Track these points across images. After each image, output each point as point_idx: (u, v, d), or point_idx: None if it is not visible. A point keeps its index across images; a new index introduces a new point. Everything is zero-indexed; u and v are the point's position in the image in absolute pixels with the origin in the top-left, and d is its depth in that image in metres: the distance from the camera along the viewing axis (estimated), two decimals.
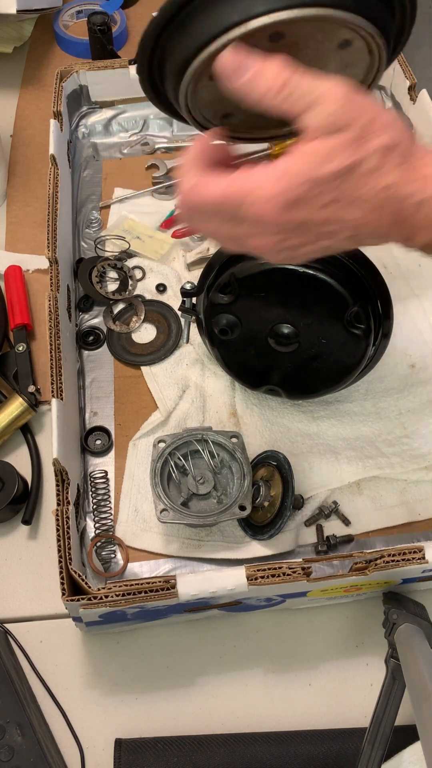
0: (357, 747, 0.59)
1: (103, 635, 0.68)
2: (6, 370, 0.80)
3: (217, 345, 0.74)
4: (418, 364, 0.82)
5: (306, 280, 0.66)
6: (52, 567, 0.64)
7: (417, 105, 0.89)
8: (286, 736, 0.62)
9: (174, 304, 0.86)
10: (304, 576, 0.57)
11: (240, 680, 0.66)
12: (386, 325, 0.70)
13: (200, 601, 0.59)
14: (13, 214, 0.96)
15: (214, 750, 0.61)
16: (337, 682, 0.66)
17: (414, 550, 0.59)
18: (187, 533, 0.71)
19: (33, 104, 1.09)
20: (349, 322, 0.67)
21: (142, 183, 0.98)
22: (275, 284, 0.67)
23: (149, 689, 0.66)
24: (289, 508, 0.68)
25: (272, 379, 0.75)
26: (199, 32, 0.45)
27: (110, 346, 0.84)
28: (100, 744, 0.63)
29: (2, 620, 0.68)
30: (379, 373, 0.80)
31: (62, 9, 1.18)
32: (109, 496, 0.73)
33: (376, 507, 0.73)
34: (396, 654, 0.61)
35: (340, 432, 0.77)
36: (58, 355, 0.70)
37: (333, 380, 0.73)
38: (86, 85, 1.01)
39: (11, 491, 0.71)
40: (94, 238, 0.91)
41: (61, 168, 0.86)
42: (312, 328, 0.69)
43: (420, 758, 0.57)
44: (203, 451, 0.71)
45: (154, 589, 0.57)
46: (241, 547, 0.70)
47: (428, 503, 0.73)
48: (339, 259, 0.67)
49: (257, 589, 0.58)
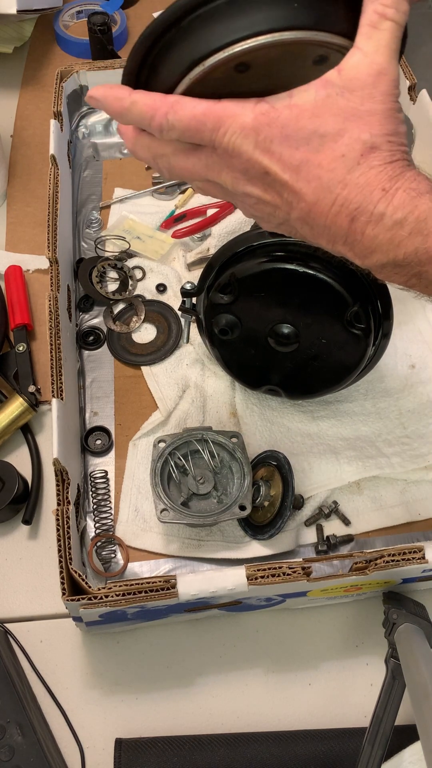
0: (357, 747, 0.59)
1: (103, 635, 0.68)
2: (6, 370, 0.80)
3: (217, 345, 0.74)
4: (418, 364, 0.82)
5: (306, 280, 0.66)
6: (53, 567, 0.64)
7: (417, 105, 0.89)
8: (286, 736, 0.62)
9: (174, 304, 0.86)
10: (304, 576, 0.57)
11: (240, 680, 0.66)
12: (386, 325, 0.70)
13: (200, 600, 0.59)
14: (14, 214, 0.96)
15: (214, 750, 0.61)
16: (337, 682, 0.66)
17: (414, 550, 0.59)
18: (187, 533, 0.71)
19: (33, 104, 1.09)
20: (349, 322, 0.67)
21: (142, 183, 0.99)
22: (275, 284, 0.67)
23: (149, 689, 0.66)
24: (289, 508, 0.68)
25: (272, 379, 0.75)
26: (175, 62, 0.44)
27: (110, 346, 0.84)
28: (100, 744, 0.63)
29: (2, 620, 0.68)
30: (379, 373, 0.80)
31: (62, 9, 1.18)
32: (109, 496, 0.73)
33: (376, 507, 0.73)
34: (396, 654, 0.61)
35: (340, 432, 0.77)
36: (58, 355, 0.70)
37: (333, 380, 0.73)
38: (86, 85, 1.00)
39: (11, 491, 0.71)
40: (94, 238, 0.91)
41: (62, 168, 0.86)
42: (312, 328, 0.69)
43: (420, 758, 0.57)
44: (203, 451, 0.71)
45: (154, 588, 0.57)
46: (241, 547, 0.70)
47: (428, 503, 0.73)
48: (339, 259, 0.67)
49: (257, 589, 0.58)
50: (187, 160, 0.45)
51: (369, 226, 0.42)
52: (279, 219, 0.46)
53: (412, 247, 0.41)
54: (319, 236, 0.45)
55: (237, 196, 0.46)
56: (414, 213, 0.41)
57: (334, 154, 0.41)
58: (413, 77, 0.92)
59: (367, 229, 0.42)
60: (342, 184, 0.41)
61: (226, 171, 0.44)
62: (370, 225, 0.42)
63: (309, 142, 0.41)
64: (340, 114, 0.41)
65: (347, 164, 0.41)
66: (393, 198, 0.41)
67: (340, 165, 0.41)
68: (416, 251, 0.41)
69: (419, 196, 0.41)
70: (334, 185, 0.42)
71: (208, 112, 0.42)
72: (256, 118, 0.42)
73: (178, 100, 0.43)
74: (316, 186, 0.42)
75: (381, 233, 0.41)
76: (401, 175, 0.41)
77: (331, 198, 0.42)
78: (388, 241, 0.42)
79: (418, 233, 0.41)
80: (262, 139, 0.42)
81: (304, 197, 0.43)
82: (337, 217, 0.42)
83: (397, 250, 0.42)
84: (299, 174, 0.42)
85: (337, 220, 0.42)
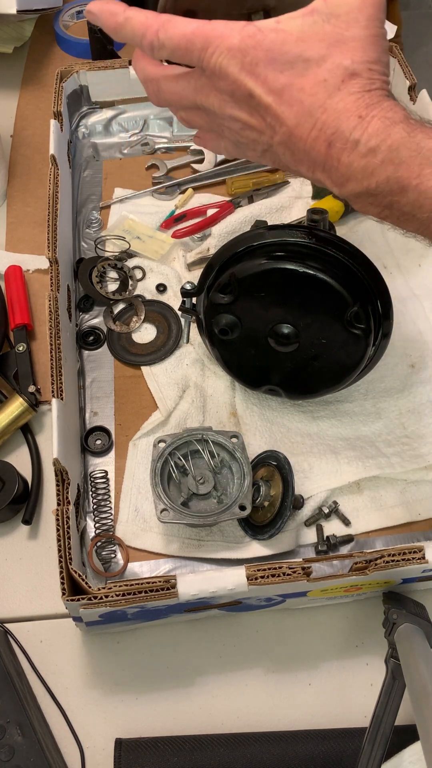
0: (357, 747, 0.59)
1: (103, 635, 0.68)
2: (6, 370, 0.80)
3: (217, 345, 0.74)
4: (418, 364, 0.82)
5: (306, 280, 0.66)
6: (52, 567, 0.64)
7: (417, 105, 0.89)
8: (286, 736, 0.62)
9: (174, 304, 0.86)
10: (304, 576, 0.57)
11: (240, 680, 0.66)
12: (386, 325, 0.70)
13: (200, 601, 0.59)
14: (14, 214, 0.96)
15: (214, 750, 0.61)
16: (337, 682, 0.66)
17: (414, 550, 0.59)
18: (187, 533, 0.71)
19: (33, 104, 1.09)
20: (349, 322, 0.67)
21: (142, 183, 0.99)
22: (275, 284, 0.67)
23: (149, 689, 0.66)
24: (289, 508, 0.68)
25: (272, 379, 0.75)
26: None
27: (110, 346, 0.84)
28: (100, 744, 0.63)
29: (2, 620, 0.68)
30: (379, 373, 0.80)
31: (62, 9, 1.18)
32: (109, 496, 0.73)
33: (376, 507, 0.73)
34: (396, 654, 0.61)
35: (340, 432, 0.77)
36: (58, 355, 0.70)
37: (333, 380, 0.73)
38: (86, 85, 1.01)
39: (11, 491, 0.71)
40: (94, 238, 0.91)
41: (62, 168, 0.86)
42: (312, 328, 0.69)
43: (420, 758, 0.57)
44: (203, 451, 0.71)
45: (154, 588, 0.57)
46: (241, 547, 0.70)
47: (428, 503, 0.73)
48: (339, 259, 0.67)
49: (257, 589, 0.58)
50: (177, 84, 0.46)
51: (344, 152, 0.42)
52: (263, 145, 0.46)
53: (383, 175, 0.41)
54: (299, 162, 0.45)
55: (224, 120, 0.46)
56: (387, 141, 0.41)
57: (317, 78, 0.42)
58: (413, 77, 0.92)
59: (342, 156, 0.42)
60: (322, 109, 0.42)
61: (214, 93, 0.45)
62: (345, 152, 0.42)
63: (293, 66, 0.42)
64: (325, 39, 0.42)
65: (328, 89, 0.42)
66: (368, 126, 0.41)
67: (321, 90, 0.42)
68: (388, 180, 0.41)
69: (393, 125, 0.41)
70: (315, 109, 0.42)
71: (197, 31, 0.43)
72: (242, 40, 0.42)
73: (170, 19, 0.43)
74: (297, 110, 0.42)
75: (355, 160, 0.42)
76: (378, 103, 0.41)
77: (311, 122, 0.42)
78: (362, 169, 0.42)
79: (390, 162, 0.41)
80: (248, 61, 0.42)
81: (285, 121, 0.43)
82: (316, 142, 0.43)
83: (371, 178, 0.42)
84: (282, 97, 0.42)
85: (316, 145, 0.43)
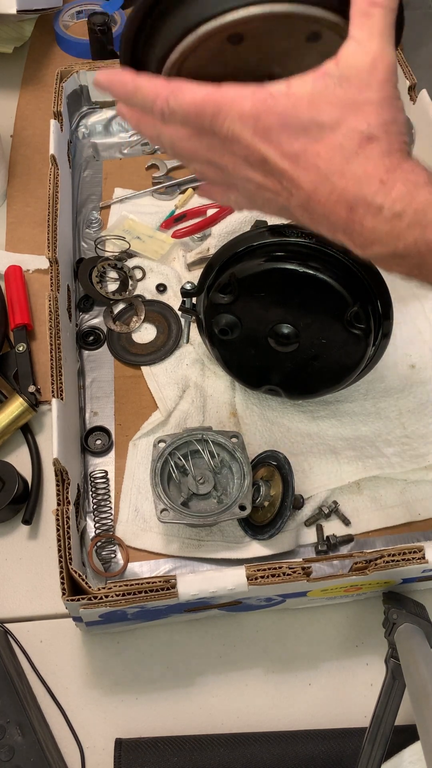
0: (357, 747, 0.59)
1: (103, 635, 0.68)
2: (6, 370, 0.80)
3: (217, 345, 0.74)
4: (418, 364, 0.82)
5: (306, 280, 0.66)
6: (52, 567, 0.64)
7: (417, 105, 0.89)
8: (286, 736, 0.62)
9: (174, 304, 0.86)
10: (304, 576, 0.57)
11: (240, 680, 0.66)
12: (386, 325, 0.70)
13: (200, 601, 0.59)
14: (13, 214, 0.96)
15: (214, 750, 0.61)
16: (337, 682, 0.66)
17: (414, 550, 0.59)
18: (187, 533, 0.71)
19: (33, 104, 1.09)
20: (349, 322, 0.67)
21: (142, 183, 0.99)
22: (275, 284, 0.67)
23: (149, 689, 0.66)
24: (289, 508, 0.68)
25: (272, 379, 0.75)
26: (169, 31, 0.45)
27: (110, 346, 0.84)
28: (100, 744, 0.63)
29: (2, 620, 0.68)
30: (379, 373, 0.80)
31: (62, 9, 1.18)
32: (109, 496, 0.73)
33: (376, 507, 0.73)
34: (396, 654, 0.61)
35: (340, 432, 0.77)
36: (58, 355, 0.70)
37: (333, 380, 0.73)
38: (86, 85, 1.01)
39: (11, 491, 0.71)
40: (94, 238, 0.91)
41: (62, 168, 0.86)
42: (312, 328, 0.69)
43: (420, 758, 0.57)
44: (203, 451, 0.71)
45: (154, 588, 0.57)
46: (241, 547, 0.70)
47: (428, 503, 0.73)
48: (339, 259, 0.67)
49: (257, 589, 0.58)
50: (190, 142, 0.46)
51: (367, 217, 0.42)
52: (279, 205, 0.46)
53: (411, 238, 0.41)
54: (318, 224, 0.45)
55: (238, 180, 0.46)
56: (412, 205, 0.40)
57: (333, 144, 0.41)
58: (413, 77, 0.92)
59: (365, 221, 0.42)
60: (339, 174, 0.41)
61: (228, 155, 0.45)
62: (368, 216, 0.41)
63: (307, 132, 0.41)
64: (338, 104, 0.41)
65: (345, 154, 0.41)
66: (391, 190, 0.41)
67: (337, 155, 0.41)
68: (416, 242, 0.41)
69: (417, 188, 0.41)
70: (332, 175, 0.42)
71: (208, 98, 0.42)
72: (254, 106, 0.42)
73: (180, 86, 0.43)
74: (314, 175, 0.42)
75: (380, 225, 0.41)
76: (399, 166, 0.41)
77: (329, 187, 0.42)
78: (388, 233, 0.42)
79: (417, 225, 0.41)
80: (261, 126, 0.42)
81: (302, 186, 0.43)
82: (336, 207, 0.42)
83: (397, 241, 0.42)
84: (297, 163, 0.42)
85: (336, 210, 0.42)
